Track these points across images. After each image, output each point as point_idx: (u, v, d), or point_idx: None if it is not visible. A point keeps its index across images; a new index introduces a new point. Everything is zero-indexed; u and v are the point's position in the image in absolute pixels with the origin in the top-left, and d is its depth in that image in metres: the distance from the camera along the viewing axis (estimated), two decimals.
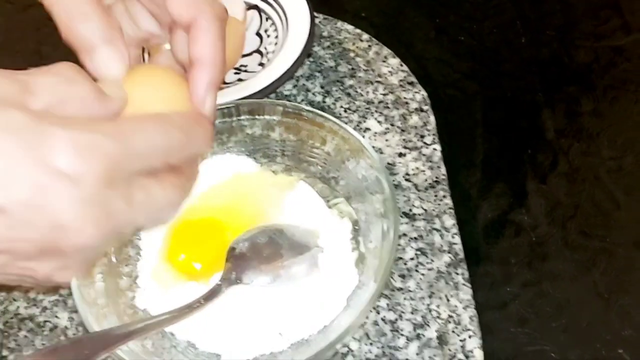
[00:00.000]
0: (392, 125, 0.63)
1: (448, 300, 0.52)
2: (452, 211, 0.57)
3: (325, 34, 0.71)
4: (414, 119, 0.63)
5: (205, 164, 0.57)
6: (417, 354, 0.50)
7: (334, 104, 0.65)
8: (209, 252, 0.51)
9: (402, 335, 0.51)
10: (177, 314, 0.45)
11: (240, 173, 0.57)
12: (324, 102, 0.65)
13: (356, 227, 0.53)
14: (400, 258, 0.54)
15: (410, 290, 0.53)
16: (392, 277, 0.53)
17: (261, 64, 0.67)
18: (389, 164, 0.60)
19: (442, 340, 0.50)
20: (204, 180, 0.56)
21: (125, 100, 0.33)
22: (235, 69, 0.67)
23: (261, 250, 0.50)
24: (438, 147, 0.61)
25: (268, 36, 0.69)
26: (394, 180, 0.59)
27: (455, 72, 0.70)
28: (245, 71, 0.67)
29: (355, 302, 0.48)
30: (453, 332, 0.51)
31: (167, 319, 0.45)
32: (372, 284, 0.48)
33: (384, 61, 0.68)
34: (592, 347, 0.51)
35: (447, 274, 0.53)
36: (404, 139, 0.62)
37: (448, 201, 0.58)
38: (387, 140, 0.62)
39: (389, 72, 0.67)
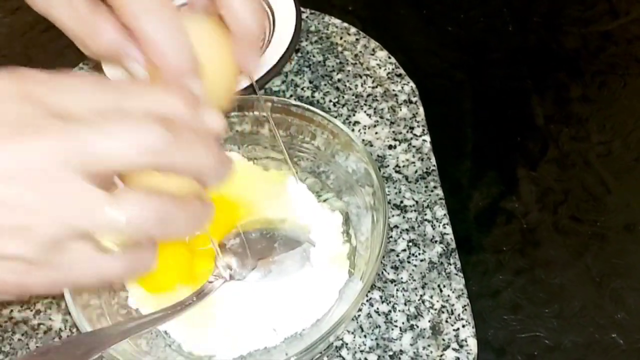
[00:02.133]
0: (381, 117, 0.63)
1: (441, 290, 0.52)
2: (443, 201, 0.57)
3: (312, 28, 0.71)
4: (403, 111, 0.63)
5: None
6: (411, 345, 0.50)
7: (322, 98, 0.65)
8: (171, 269, 0.50)
9: (395, 326, 0.51)
10: (169, 312, 0.45)
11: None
12: (312, 96, 0.65)
13: (347, 221, 0.53)
14: (392, 250, 0.55)
15: (402, 282, 0.53)
16: (384, 269, 0.53)
17: None
18: (379, 156, 0.60)
19: (435, 330, 0.50)
20: None
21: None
22: None
23: (252, 246, 0.50)
24: (428, 138, 0.61)
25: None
26: (384, 173, 0.59)
27: (443, 62, 0.70)
28: None
29: (348, 294, 0.49)
30: (446, 321, 0.51)
31: (159, 317, 0.45)
32: (363, 276, 0.48)
33: (372, 54, 0.68)
34: (586, 332, 0.51)
35: (439, 264, 0.53)
36: (393, 131, 0.62)
37: (439, 192, 0.58)
38: (376, 133, 0.62)
39: (377, 64, 0.67)
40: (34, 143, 0.26)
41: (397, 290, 0.52)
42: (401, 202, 0.57)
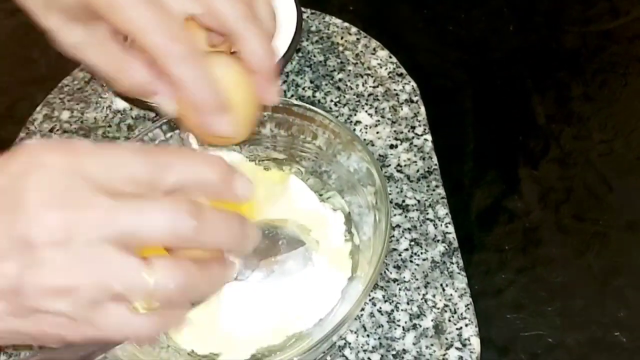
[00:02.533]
0: (382, 117, 0.63)
1: (443, 289, 0.52)
2: (445, 201, 0.57)
3: (313, 28, 0.71)
4: (405, 111, 0.63)
5: None
6: (414, 344, 0.50)
7: (324, 98, 0.65)
8: None
9: (398, 326, 0.51)
10: None
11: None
12: (314, 96, 0.65)
13: (349, 220, 0.53)
14: (395, 249, 0.55)
15: (405, 281, 0.53)
16: (387, 269, 0.53)
17: None
18: (380, 156, 0.60)
19: (438, 329, 0.50)
20: None
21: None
22: None
23: (255, 247, 0.50)
24: (429, 137, 0.61)
25: None
26: (386, 172, 0.59)
27: (445, 62, 0.70)
28: None
29: (350, 294, 0.49)
30: (449, 321, 0.51)
31: None
32: (365, 276, 0.48)
33: (372, 53, 0.68)
34: (588, 330, 0.51)
35: (441, 263, 0.53)
36: (394, 131, 0.62)
37: (441, 191, 0.58)
38: (378, 132, 0.62)
39: (378, 64, 0.67)
40: (82, 217, 0.30)
41: (399, 289, 0.52)
42: (403, 201, 0.57)
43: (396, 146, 0.61)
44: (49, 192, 0.31)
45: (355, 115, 0.63)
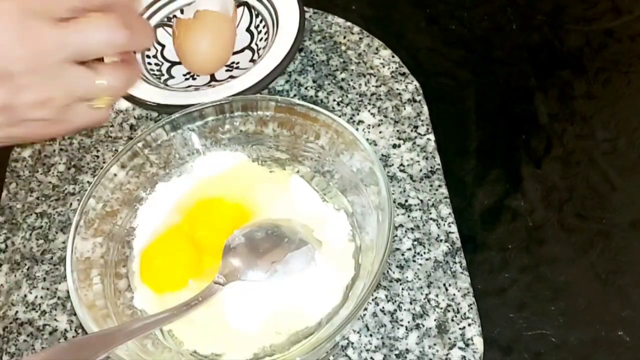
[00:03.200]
0: (385, 117, 0.63)
1: (446, 289, 0.52)
2: (448, 200, 0.57)
3: (315, 28, 0.71)
4: (407, 110, 0.63)
5: (200, 160, 0.57)
6: (417, 344, 0.50)
7: (326, 97, 0.65)
8: (179, 268, 0.51)
9: (401, 325, 0.51)
10: (175, 313, 0.46)
11: (235, 169, 0.57)
12: (316, 96, 0.65)
13: (352, 220, 0.53)
14: (398, 249, 0.55)
15: (408, 281, 0.53)
16: (390, 268, 0.53)
17: (252, 61, 0.67)
18: (383, 155, 0.60)
19: (441, 329, 0.50)
20: (198, 177, 0.57)
21: None
22: (227, 66, 0.67)
23: (257, 246, 0.50)
24: (432, 136, 0.61)
25: (259, 32, 0.69)
26: (388, 172, 0.59)
27: (447, 61, 0.69)
28: (237, 68, 0.67)
29: (353, 293, 0.49)
30: (452, 320, 0.51)
31: (165, 317, 0.45)
32: (369, 275, 0.48)
33: (375, 53, 0.68)
34: (592, 329, 0.51)
35: (444, 262, 0.53)
36: (397, 130, 0.62)
37: (443, 190, 0.58)
38: (380, 132, 0.62)
39: (381, 64, 0.67)
40: (42, 46, 0.40)
41: (402, 289, 0.52)
42: (406, 201, 0.57)
43: (399, 146, 0.61)
44: (10, 32, 0.39)
45: (357, 114, 0.63)
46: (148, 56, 0.68)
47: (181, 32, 0.65)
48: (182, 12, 0.70)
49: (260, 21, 0.69)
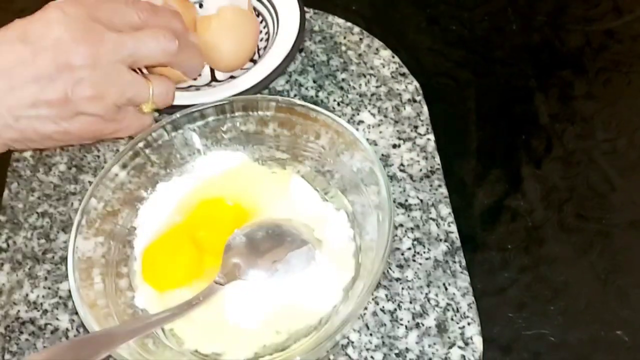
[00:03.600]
0: (385, 117, 0.63)
1: (446, 288, 0.52)
2: (448, 200, 0.57)
3: (316, 28, 0.71)
4: (407, 110, 0.63)
5: (201, 160, 0.58)
6: (417, 343, 0.50)
7: (327, 98, 0.65)
8: (180, 267, 0.51)
9: (401, 324, 0.51)
10: (176, 312, 0.46)
11: (236, 169, 0.57)
12: (317, 96, 0.65)
13: (352, 219, 0.53)
14: (397, 248, 0.55)
15: (408, 280, 0.53)
16: (389, 268, 0.54)
17: (253, 61, 0.67)
18: (383, 155, 0.60)
19: (441, 328, 0.51)
20: (200, 177, 0.57)
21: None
22: None
23: (258, 246, 0.50)
24: (432, 137, 0.61)
25: (259, 32, 0.69)
26: (388, 172, 0.59)
27: (448, 61, 0.70)
28: None
29: (353, 293, 0.49)
30: (452, 319, 0.51)
31: (166, 317, 0.45)
32: (369, 275, 0.48)
33: (375, 53, 0.68)
34: (591, 329, 0.51)
35: (444, 262, 0.54)
36: (397, 130, 0.62)
37: (443, 190, 0.58)
38: (380, 132, 0.62)
39: (381, 64, 0.67)
40: (101, 47, 0.47)
41: (402, 288, 0.53)
42: (406, 200, 0.57)
43: (399, 146, 0.61)
44: (75, 31, 0.46)
45: (358, 114, 0.63)
46: None
47: (203, 29, 0.64)
48: (200, 6, 0.69)
49: (261, 21, 0.69)
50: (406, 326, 0.51)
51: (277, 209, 0.53)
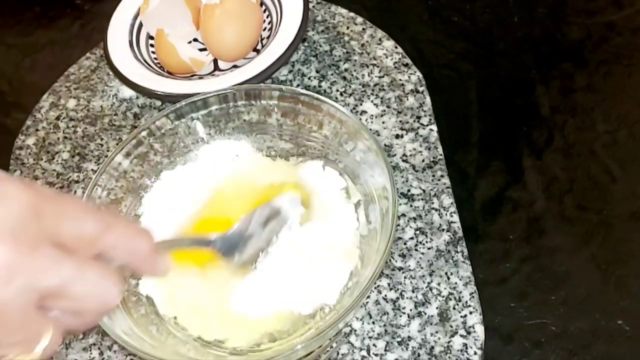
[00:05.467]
0: (388, 107, 0.63)
1: (448, 277, 0.53)
2: (450, 190, 0.57)
3: (319, 18, 0.71)
4: (410, 101, 0.64)
5: (204, 149, 0.58)
6: (419, 331, 0.50)
7: (329, 88, 0.65)
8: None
9: (403, 313, 0.51)
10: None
11: (240, 160, 0.57)
12: (319, 86, 0.65)
13: (356, 209, 0.54)
14: (400, 238, 0.55)
15: (410, 269, 0.53)
16: (392, 257, 0.54)
17: (256, 50, 0.67)
18: (386, 145, 0.61)
19: (443, 317, 0.51)
20: (203, 166, 0.57)
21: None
22: None
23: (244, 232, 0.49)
24: (434, 127, 0.61)
25: (263, 22, 0.69)
26: (391, 162, 0.59)
27: (450, 53, 0.70)
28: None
29: (356, 282, 0.49)
30: (454, 308, 0.51)
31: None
32: (372, 264, 0.48)
33: (378, 44, 0.68)
34: (591, 319, 0.52)
35: (446, 252, 0.54)
36: (400, 121, 0.62)
37: (446, 180, 0.58)
38: (383, 122, 0.62)
39: (384, 54, 0.67)
40: (29, 259, 0.32)
41: (405, 277, 0.53)
42: (408, 190, 0.58)
43: (402, 136, 0.61)
44: (5, 224, 0.32)
45: (361, 105, 0.64)
46: (152, 45, 0.69)
47: (207, 17, 0.64)
48: None
49: (264, 11, 0.69)
50: (408, 315, 0.51)
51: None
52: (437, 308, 0.51)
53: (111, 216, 0.37)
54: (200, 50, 0.68)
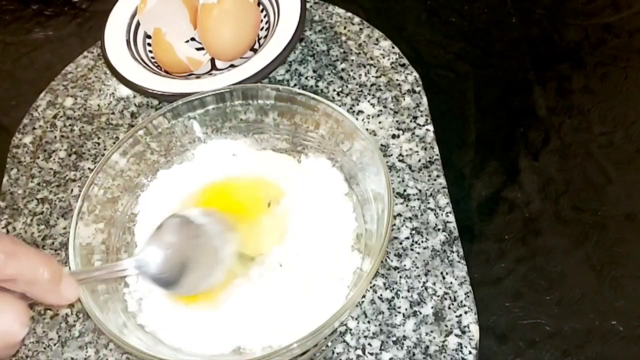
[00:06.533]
0: (384, 107, 0.63)
1: (443, 277, 0.53)
2: (446, 190, 0.57)
3: (316, 18, 0.71)
4: (407, 101, 0.64)
5: (201, 148, 0.58)
6: (414, 331, 0.51)
7: (326, 87, 0.65)
8: None
9: (399, 312, 0.51)
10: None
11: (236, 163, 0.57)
12: (316, 86, 0.66)
13: (352, 208, 0.54)
14: (396, 237, 0.55)
15: (406, 269, 0.54)
16: (388, 257, 0.54)
17: (253, 50, 0.67)
18: (382, 145, 0.61)
19: (438, 316, 0.51)
20: (199, 165, 0.57)
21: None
22: None
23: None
24: (431, 127, 0.62)
25: (260, 21, 0.69)
26: (388, 162, 0.60)
27: (447, 53, 0.70)
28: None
29: (352, 281, 0.49)
30: (449, 308, 0.51)
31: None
32: (367, 264, 0.48)
33: (375, 44, 0.68)
34: (586, 319, 0.52)
35: (442, 251, 0.54)
36: (397, 121, 0.62)
37: (442, 181, 0.58)
38: (380, 122, 0.62)
39: (381, 54, 0.67)
40: None
41: (400, 277, 0.53)
42: (404, 190, 0.58)
43: (398, 136, 0.61)
44: None
45: (357, 105, 0.64)
46: (149, 44, 0.69)
47: (205, 17, 0.64)
48: None
49: (262, 10, 0.69)
50: (404, 314, 0.51)
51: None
52: (432, 308, 0.51)
53: (13, 244, 0.36)
54: (198, 49, 0.68)
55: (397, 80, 0.65)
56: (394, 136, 0.61)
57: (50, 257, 0.38)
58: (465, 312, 0.51)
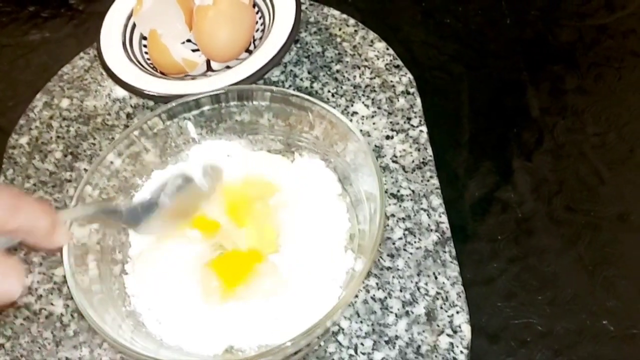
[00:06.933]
0: (379, 108, 0.64)
1: (436, 277, 0.53)
2: (439, 191, 0.58)
3: (311, 19, 0.71)
4: (401, 102, 0.64)
5: (196, 149, 0.58)
6: (406, 331, 0.51)
7: (321, 89, 0.66)
8: None
9: (391, 312, 0.52)
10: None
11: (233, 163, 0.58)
12: (311, 87, 0.66)
13: (346, 209, 0.54)
14: (389, 238, 0.55)
15: (398, 269, 0.54)
16: (381, 257, 0.54)
17: (248, 51, 0.68)
18: (376, 146, 0.61)
19: (430, 316, 0.51)
20: (194, 166, 0.57)
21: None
22: None
23: None
24: (424, 128, 0.62)
25: (255, 23, 0.70)
26: (381, 163, 0.60)
27: (441, 55, 0.70)
28: None
29: (344, 281, 0.49)
30: (441, 308, 0.52)
31: None
32: (360, 264, 0.48)
33: (370, 45, 0.69)
34: (578, 319, 0.52)
35: (434, 252, 0.54)
36: (391, 122, 0.63)
37: (435, 181, 0.58)
38: (374, 123, 0.63)
39: (376, 56, 0.68)
40: None
41: (393, 277, 0.53)
42: (398, 191, 0.58)
43: (392, 137, 0.61)
44: None
45: (352, 106, 0.64)
46: (145, 45, 0.69)
47: (200, 18, 0.65)
48: None
49: (257, 12, 0.70)
50: (396, 314, 0.52)
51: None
52: (424, 307, 0.52)
53: (13, 197, 0.38)
54: (193, 51, 0.69)
55: (391, 81, 0.65)
56: (387, 137, 0.61)
57: (49, 205, 0.40)
58: (457, 312, 0.51)
